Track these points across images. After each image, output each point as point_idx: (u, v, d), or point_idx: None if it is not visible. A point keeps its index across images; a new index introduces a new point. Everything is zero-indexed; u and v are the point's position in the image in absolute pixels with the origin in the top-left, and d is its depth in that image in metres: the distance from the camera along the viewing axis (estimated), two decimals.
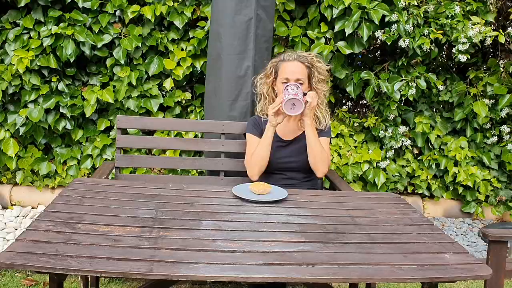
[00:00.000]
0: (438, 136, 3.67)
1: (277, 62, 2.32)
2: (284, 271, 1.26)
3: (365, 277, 1.27)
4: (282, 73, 2.27)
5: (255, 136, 2.30)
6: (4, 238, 2.98)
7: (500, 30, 3.23)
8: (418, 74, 3.40)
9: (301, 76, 2.26)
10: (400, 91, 3.36)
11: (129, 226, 1.47)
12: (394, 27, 3.21)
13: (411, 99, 3.42)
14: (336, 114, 3.79)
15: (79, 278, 2.44)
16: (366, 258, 1.36)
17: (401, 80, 3.38)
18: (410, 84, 3.35)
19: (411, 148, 3.69)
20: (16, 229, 3.09)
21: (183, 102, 3.48)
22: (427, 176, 3.64)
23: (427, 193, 3.74)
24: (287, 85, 2.11)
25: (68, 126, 3.34)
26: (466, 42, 3.14)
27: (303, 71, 2.27)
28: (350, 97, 3.75)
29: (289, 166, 2.18)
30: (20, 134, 3.27)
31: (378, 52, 3.99)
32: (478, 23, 3.14)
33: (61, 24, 3.18)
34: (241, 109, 2.61)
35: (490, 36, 3.14)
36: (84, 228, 1.41)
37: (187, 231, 1.46)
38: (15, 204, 3.46)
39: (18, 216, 3.30)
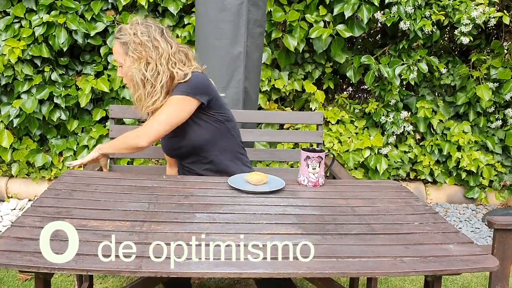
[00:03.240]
0: (440, 121, 3.59)
1: None
2: (280, 265, 1.20)
3: (365, 270, 1.21)
4: None
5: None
6: (0, 231, 2.94)
7: (505, 11, 3.14)
8: (419, 58, 3.31)
9: (119, 58, 1.82)
10: (400, 76, 3.28)
11: (119, 220, 1.41)
12: (394, 8, 3.12)
13: (412, 83, 3.33)
14: (336, 100, 3.72)
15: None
16: (366, 250, 1.30)
17: (402, 64, 3.30)
18: (411, 68, 3.27)
19: (413, 134, 3.62)
20: (13, 222, 3.05)
21: None
22: (429, 162, 3.57)
23: (429, 179, 3.68)
24: (308, 158, 1.76)
25: (63, 117, 3.28)
26: (469, 24, 3.05)
27: (119, 51, 1.80)
28: (351, 82, 3.67)
29: (178, 153, 2.00)
30: (14, 126, 3.21)
31: (379, 36, 3.89)
32: (481, 3, 3.05)
33: (53, 12, 3.10)
34: (232, 96, 2.53)
35: (494, 17, 3.05)
36: (72, 223, 1.35)
37: (180, 225, 1.40)
38: (11, 197, 3.42)
39: (14, 209, 3.26)
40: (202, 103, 1.84)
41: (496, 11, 3.09)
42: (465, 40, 3.11)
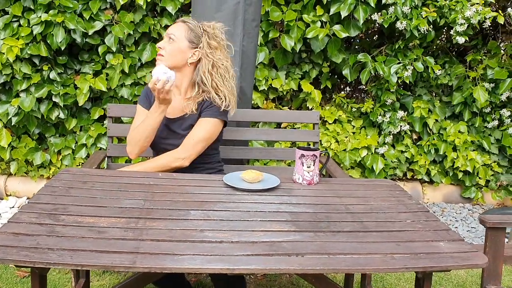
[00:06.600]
0: (436, 120, 3.61)
1: None
2: (272, 262, 1.22)
3: (356, 267, 1.23)
4: None
5: (145, 108, 2.11)
6: None
7: (500, 11, 3.16)
8: (415, 57, 3.33)
9: (175, 32, 2.00)
10: (396, 74, 3.30)
11: (115, 217, 1.42)
12: (391, 9, 3.14)
13: (407, 81, 3.35)
14: (333, 99, 3.73)
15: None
16: (357, 247, 1.32)
17: (398, 63, 3.32)
18: (407, 67, 3.29)
19: (410, 133, 3.64)
20: (10, 219, 3.06)
21: None
22: (425, 162, 3.59)
23: (426, 179, 3.70)
24: (303, 156, 1.79)
25: (62, 115, 3.30)
26: (464, 23, 3.07)
27: (180, 29, 2.01)
28: (348, 82, 3.69)
29: (169, 146, 2.05)
30: (13, 124, 3.23)
31: (376, 36, 3.91)
32: (477, 3, 3.07)
33: (51, 11, 3.11)
34: None
35: (489, 17, 3.07)
36: (68, 220, 1.37)
37: (174, 222, 1.42)
38: (10, 195, 3.43)
39: (13, 207, 3.28)
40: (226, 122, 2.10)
41: (491, 11, 3.10)
42: (461, 39, 3.13)
